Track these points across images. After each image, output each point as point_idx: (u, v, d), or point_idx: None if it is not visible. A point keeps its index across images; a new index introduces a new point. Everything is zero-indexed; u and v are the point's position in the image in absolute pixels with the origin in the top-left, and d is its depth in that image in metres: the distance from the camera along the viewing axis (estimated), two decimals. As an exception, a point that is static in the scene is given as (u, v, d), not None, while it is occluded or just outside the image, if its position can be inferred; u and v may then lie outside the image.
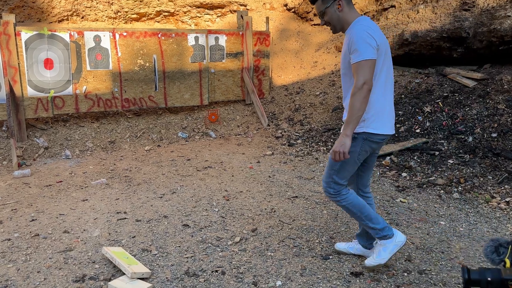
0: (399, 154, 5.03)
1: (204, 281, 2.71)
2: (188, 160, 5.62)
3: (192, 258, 3.00)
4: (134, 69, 6.61)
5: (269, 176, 4.83)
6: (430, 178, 4.39)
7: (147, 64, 6.71)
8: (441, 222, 3.56)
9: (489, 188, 4.16)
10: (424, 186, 4.23)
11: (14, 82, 5.75)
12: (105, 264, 2.93)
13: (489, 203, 3.86)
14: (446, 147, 4.91)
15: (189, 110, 7.38)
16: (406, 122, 5.54)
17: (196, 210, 3.88)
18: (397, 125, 5.55)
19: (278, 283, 2.65)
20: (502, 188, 4.10)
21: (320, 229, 3.40)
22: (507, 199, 3.86)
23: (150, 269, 2.84)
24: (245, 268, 2.84)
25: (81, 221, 3.69)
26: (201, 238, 3.30)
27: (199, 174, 4.98)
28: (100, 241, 3.30)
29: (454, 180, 4.27)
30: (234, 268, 2.84)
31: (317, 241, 3.21)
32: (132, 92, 6.66)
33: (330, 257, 2.96)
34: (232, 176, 4.87)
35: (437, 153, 4.86)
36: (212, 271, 2.82)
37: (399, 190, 4.24)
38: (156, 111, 7.19)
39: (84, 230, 3.52)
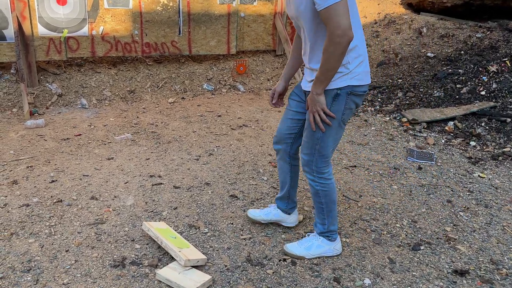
0: (463, 119, 4.42)
1: (273, 273, 2.19)
2: (218, 116, 5.01)
3: (251, 240, 2.48)
4: (156, 9, 5.86)
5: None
6: (504, 149, 3.80)
7: (171, 4, 5.94)
8: (536, 206, 3.01)
9: None
10: (500, 158, 3.64)
11: (23, 19, 5.04)
12: (147, 244, 2.41)
13: None
14: (519, 114, 4.28)
15: (214, 60, 6.68)
16: (468, 83, 4.87)
17: (241, 177, 3.33)
18: (458, 86, 4.89)
19: (367, 281, 2.13)
20: None
21: (397, 209, 2.86)
22: None
23: (204, 254, 2.32)
24: (318, 258, 2.31)
25: (110, 185, 3.15)
26: (256, 214, 2.76)
27: (234, 133, 4.39)
28: (136, 212, 2.77)
29: (533, 153, 3.68)
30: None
31: (397, 225, 2.67)
32: (153, 36, 5.94)
33: (421, 247, 2.42)
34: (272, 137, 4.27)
35: (508, 119, 4.23)
36: (280, 260, 2.30)
37: (472, 163, 3.67)
38: (179, 59, 6.49)
39: (115, 196, 2.98)
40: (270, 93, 2.35)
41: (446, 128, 4.33)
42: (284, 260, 2.29)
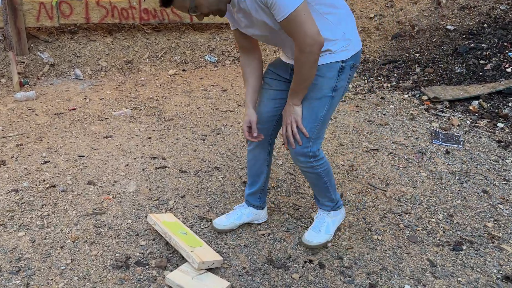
0: (488, 98, 4.10)
1: (300, 278, 1.91)
2: (223, 91, 4.66)
3: (271, 237, 2.19)
4: (156, -28, 5.40)
5: (331, 119, 3.92)
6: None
7: (172, -33, 5.47)
8: None
9: None
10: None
11: (10, -20, 4.58)
12: (153, 239, 2.12)
13: None
14: (549, 94, 3.97)
15: (217, 29, 6.26)
16: (493, 59, 4.53)
17: (254, 160, 3.01)
18: (481, 62, 4.55)
19: (408, 288, 1.85)
20: None
21: (429, 201, 2.57)
22: None
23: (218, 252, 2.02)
24: (349, 259, 2.03)
25: (109, 168, 2.83)
26: (273, 205, 2.47)
27: (242, 111, 4.05)
28: (139, 201, 2.46)
29: None
30: (335, 259, 2.03)
31: (433, 219, 2.39)
32: (152, 1, 5.50)
33: (463, 247, 2.15)
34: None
35: (538, 100, 3.92)
36: (306, 262, 2.01)
37: (503, 147, 3.37)
38: (179, 27, 6.07)
39: (115, 181, 2.67)
40: (244, 126, 1.93)
41: (471, 107, 4.02)
42: (311, 262, 2.01)
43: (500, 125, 3.74)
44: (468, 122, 3.83)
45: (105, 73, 5.11)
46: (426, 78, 4.69)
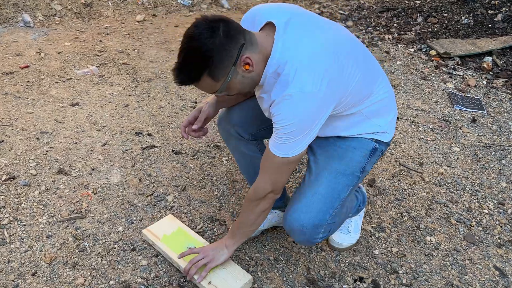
0: (501, 53, 3.72)
1: (354, 305, 1.50)
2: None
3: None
4: None
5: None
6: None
7: None
8: None
9: None
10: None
11: None
12: (156, 256, 1.63)
13: None
14: None
15: (189, -34, 5.41)
16: (503, 9, 4.11)
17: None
18: (490, 12, 4.12)
19: (486, 313, 1.49)
20: None
21: (472, 185, 2.21)
22: None
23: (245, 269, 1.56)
24: (406, 273, 1.64)
25: (82, 150, 2.25)
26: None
27: (232, 66, 3.45)
28: (128, 197, 1.93)
29: None
30: (390, 273, 1.63)
31: (484, 210, 2.03)
32: None
33: (531, 249, 1.80)
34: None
35: (555, 57, 3.58)
36: (355, 280, 1.60)
37: (528, 112, 3.04)
38: (145, -37, 5.18)
39: (92, 169, 2.10)
40: (191, 116, 1.51)
41: (484, 65, 3.63)
42: (361, 279, 1.61)
43: (518, 85, 3.39)
44: (484, 82, 3.45)
45: (60, 19, 4.28)
46: (430, 29, 4.23)
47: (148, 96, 2.91)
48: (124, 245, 1.68)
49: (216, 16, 1.13)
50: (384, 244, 1.78)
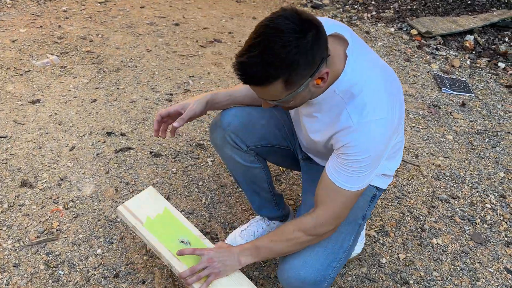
0: (482, 31, 3.64)
1: (367, 325, 1.37)
2: (176, 25, 3.73)
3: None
4: None
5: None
6: (539, 74, 3.14)
7: None
8: None
9: None
10: (540, 86, 2.99)
11: None
12: (143, 282, 1.43)
13: None
14: (546, 27, 3.59)
15: None
16: (481, -16, 4.01)
17: (244, 130, 2.32)
18: (469, -12, 4.02)
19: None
20: None
21: (471, 176, 2.12)
22: None
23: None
24: (417, 283, 1.52)
25: (47, 156, 2.00)
26: (291, 200, 1.86)
27: (206, 53, 3.23)
28: (104, 210, 1.73)
29: None
30: (400, 284, 1.51)
31: (487, 205, 1.94)
32: None
33: (541, 247, 1.73)
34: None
35: (536, 34, 3.53)
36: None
37: (514, 93, 2.98)
38: None
39: (61, 179, 1.87)
40: (172, 109, 1.26)
41: (467, 44, 3.54)
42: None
43: (501, 65, 3.33)
44: (468, 62, 3.37)
45: (12, 1, 3.87)
46: (409, 7, 4.10)
47: (118, 88, 2.64)
48: (105, 271, 1.47)
49: (307, 14, 0.91)
50: (390, 251, 1.65)
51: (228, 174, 1.97)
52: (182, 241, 1.28)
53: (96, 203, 1.76)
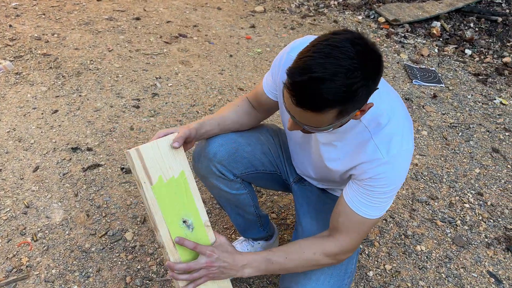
0: (448, 17, 3.66)
1: None
2: (136, 19, 3.54)
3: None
4: None
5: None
6: (503, 59, 3.22)
7: None
8: None
9: None
10: (506, 72, 3.06)
11: None
12: None
13: None
14: (508, 10, 3.65)
15: None
16: (445, -32, 4.02)
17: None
18: (433, -28, 4.02)
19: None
20: None
21: (448, 174, 2.13)
22: None
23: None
24: (405, 294, 1.52)
25: (9, 179, 1.86)
26: (274, 214, 1.81)
27: (172, 50, 3.09)
28: (77, 239, 1.63)
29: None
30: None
31: (465, 205, 1.96)
32: None
33: (520, 246, 1.76)
34: (230, 56, 3.10)
35: (499, 18, 3.59)
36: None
37: (482, 81, 3.03)
38: None
39: (27, 206, 1.74)
40: (168, 133, 1.08)
41: (434, 31, 3.55)
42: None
43: (468, 51, 3.36)
44: (436, 50, 3.38)
45: (-46, -2, 3.57)
46: (375, -8, 4.05)
47: (80, 95, 2.49)
48: (84, 311, 1.38)
49: (371, 40, 0.81)
50: (376, 262, 1.64)
51: (206, 189, 1.89)
52: (185, 222, 1.08)
53: (67, 232, 1.65)
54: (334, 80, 0.75)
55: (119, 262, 1.55)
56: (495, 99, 2.81)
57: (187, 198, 1.08)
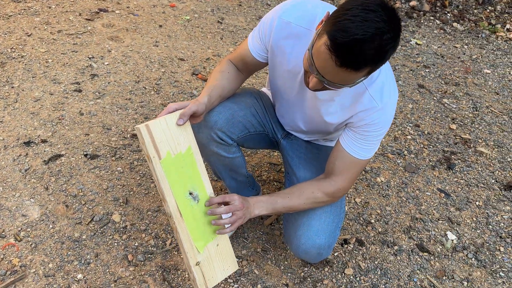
0: None
1: (354, 272, 1.57)
2: (47, -3, 3.30)
3: (281, 224, 1.72)
4: None
5: (218, 22, 3.21)
6: (409, 3, 3.56)
7: None
8: (486, 71, 2.94)
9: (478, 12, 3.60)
10: (414, 15, 3.40)
11: None
12: (140, 280, 1.43)
13: (496, 33, 3.34)
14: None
15: None
16: None
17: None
18: None
19: None
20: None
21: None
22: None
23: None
24: (377, 220, 1.76)
25: (-33, 187, 1.75)
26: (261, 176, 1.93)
27: (97, 27, 2.97)
28: (64, 230, 1.62)
29: (437, 4, 3.55)
30: (362, 225, 1.73)
31: (408, 136, 2.23)
32: None
33: (454, 162, 2.08)
34: (160, 26, 3.06)
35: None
36: (341, 244, 1.66)
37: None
38: None
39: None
40: (180, 107, 1.11)
41: None
42: (346, 242, 1.66)
43: None
44: None
45: None
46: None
47: (12, 87, 2.33)
48: (97, 298, 1.41)
49: (393, 7, 0.90)
50: (347, 197, 1.84)
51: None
52: (191, 194, 1.14)
53: (50, 226, 1.62)
54: (373, 41, 0.85)
55: (115, 244, 1.58)
56: (411, 41, 3.11)
57: (193, 172, 1.15)
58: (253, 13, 3.50)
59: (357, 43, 0.86)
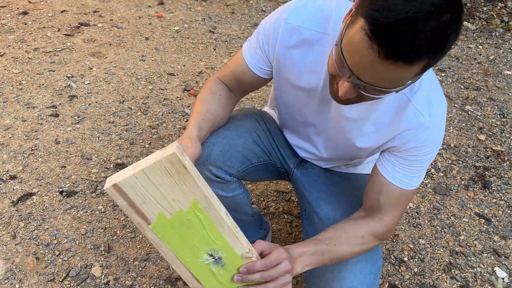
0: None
1: (389, 326, 1.28)
2: (24, 14, 3.04)
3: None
4: None
5: (210, 31, 2.94)
6: None
7: None
8: (507, 72, 2.68)
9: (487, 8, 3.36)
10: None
11: None
12: None
13: (511, 31, 3.09)
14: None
15: None
16: None
17: (167, 137, 2.00)
18: None
19: None
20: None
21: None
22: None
23: None
24: (410, 257, 1.48)
25: None
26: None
27: (77, 43, 2.69)
28: (34, 294, 1.31)
29: None
30: (394, 264, 1.44)
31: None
32: None
33: (490, 180, 1.80)
34: (147, 39, 2.79)
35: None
36: None
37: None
38: None
39: (-49, 267, 1.37)
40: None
41: None
42: (378, 287, 1.37)
43: None
44: None
45: None
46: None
47: (-21, 114, 2.04)
48: None
49: None
50: (372, 231, 1.55)
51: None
52: (212, 255, 0.83)
53: (17, 286, 1.32)
54: (429, 21, 0.58)
55: (96, 306, 1.28)
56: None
57: (208, 231, 0.81)
58: (247, 21, 3.25)
59: (408, 24, 0.58)
